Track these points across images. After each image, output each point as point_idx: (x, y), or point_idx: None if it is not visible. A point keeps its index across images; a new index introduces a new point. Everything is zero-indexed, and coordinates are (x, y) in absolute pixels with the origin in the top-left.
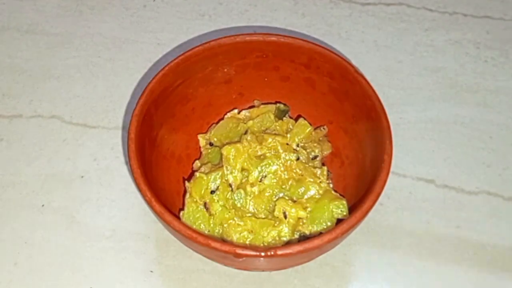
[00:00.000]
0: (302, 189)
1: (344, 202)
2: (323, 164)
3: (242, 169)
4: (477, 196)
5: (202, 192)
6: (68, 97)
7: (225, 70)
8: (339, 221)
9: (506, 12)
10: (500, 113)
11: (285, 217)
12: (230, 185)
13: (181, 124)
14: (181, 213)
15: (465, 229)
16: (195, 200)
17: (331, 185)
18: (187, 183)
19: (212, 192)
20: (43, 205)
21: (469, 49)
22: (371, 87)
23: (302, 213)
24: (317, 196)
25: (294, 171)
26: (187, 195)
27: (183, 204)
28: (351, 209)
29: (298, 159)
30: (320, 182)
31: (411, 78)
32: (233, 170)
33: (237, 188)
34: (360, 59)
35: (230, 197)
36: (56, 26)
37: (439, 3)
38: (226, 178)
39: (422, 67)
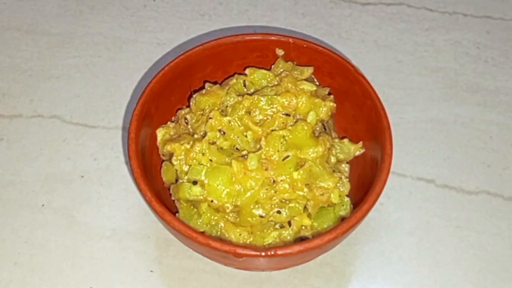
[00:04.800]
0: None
1: (347, 199)
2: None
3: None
4: (477, 196)
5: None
6: (68, 97)
7: (225, 70)
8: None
9: (506, 12)
10: (500, 113)
11: (290, 224)
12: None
13: None
14: (176, 216)
15: (465, 229)
16: (184, 203)
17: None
18: (172, 186)
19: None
20: (43, 205)
21: (469, 49)
22: (371, 87)
23: (306, 221)
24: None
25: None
26: (176, 200)
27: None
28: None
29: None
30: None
31: (411, 78)
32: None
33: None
34: (360, 59)
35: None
36: (56, 26)
37: (439, 3)
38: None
39: (422, 67)
